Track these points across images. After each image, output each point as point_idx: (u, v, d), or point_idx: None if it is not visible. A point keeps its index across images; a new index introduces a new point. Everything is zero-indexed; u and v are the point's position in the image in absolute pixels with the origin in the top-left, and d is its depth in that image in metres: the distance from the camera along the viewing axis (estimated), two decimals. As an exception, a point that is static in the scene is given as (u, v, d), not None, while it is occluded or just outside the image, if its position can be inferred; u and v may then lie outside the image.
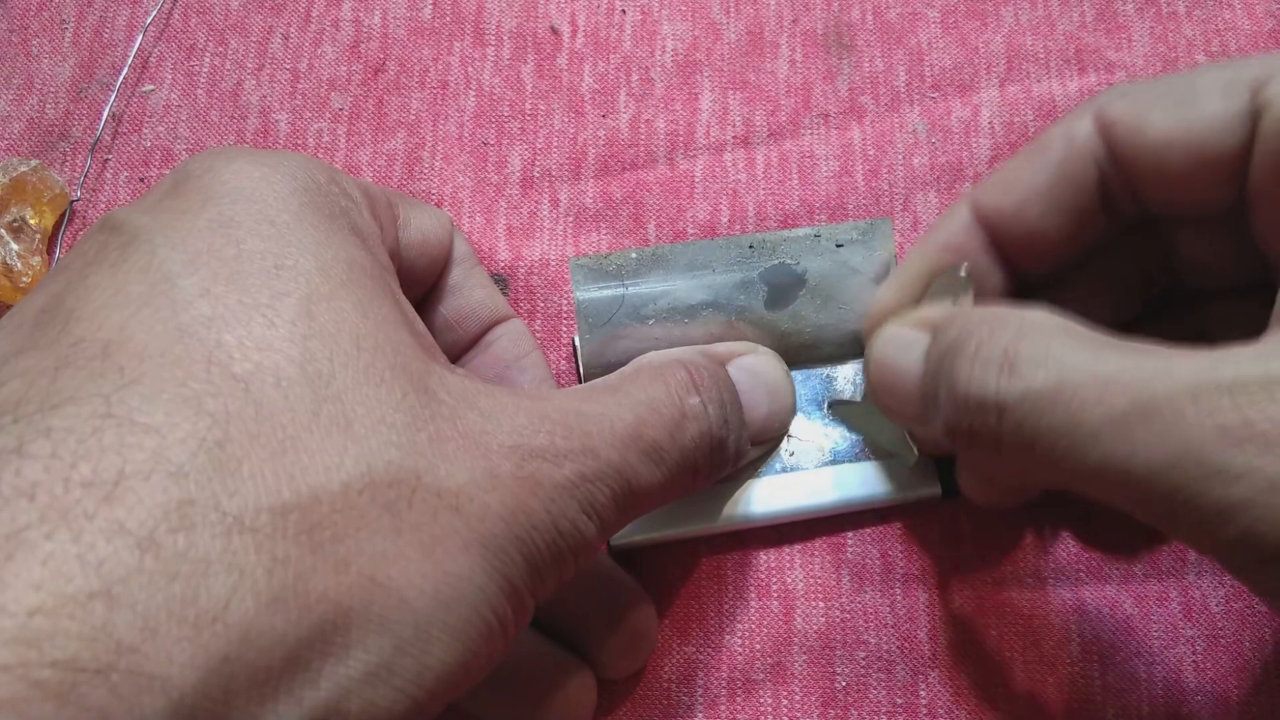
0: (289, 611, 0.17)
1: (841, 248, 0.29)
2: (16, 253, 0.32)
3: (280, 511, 0.18)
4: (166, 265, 0.20)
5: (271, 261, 0.20)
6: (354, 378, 0.20)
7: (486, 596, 0.20)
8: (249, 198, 0.21)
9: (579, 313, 0.29)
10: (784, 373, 0.29)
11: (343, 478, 0.18)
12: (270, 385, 0.19)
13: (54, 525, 0.16)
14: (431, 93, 0.36)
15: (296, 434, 0.18)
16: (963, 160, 0.34)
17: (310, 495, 0.18)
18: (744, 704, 0.28)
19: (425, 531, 0.19)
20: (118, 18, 0.37)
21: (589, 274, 0.28)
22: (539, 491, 0.21)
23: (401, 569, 0.18)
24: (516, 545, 0.20)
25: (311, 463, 0.18)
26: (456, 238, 0.30)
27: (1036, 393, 0.20)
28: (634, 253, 0.29)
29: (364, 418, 0.19)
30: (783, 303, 0.29)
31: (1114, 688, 0.28)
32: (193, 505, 0.17)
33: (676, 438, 0.23)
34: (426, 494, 0.19)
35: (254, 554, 0.17)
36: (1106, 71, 0.35)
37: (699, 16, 0.37)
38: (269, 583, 0.17)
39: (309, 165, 0.23)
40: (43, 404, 0.17)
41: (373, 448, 0.19)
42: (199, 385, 0.18)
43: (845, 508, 0.29)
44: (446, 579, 0.19)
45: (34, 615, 0.15)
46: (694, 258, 0.29)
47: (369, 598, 0.18)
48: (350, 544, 0.18)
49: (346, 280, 0.21)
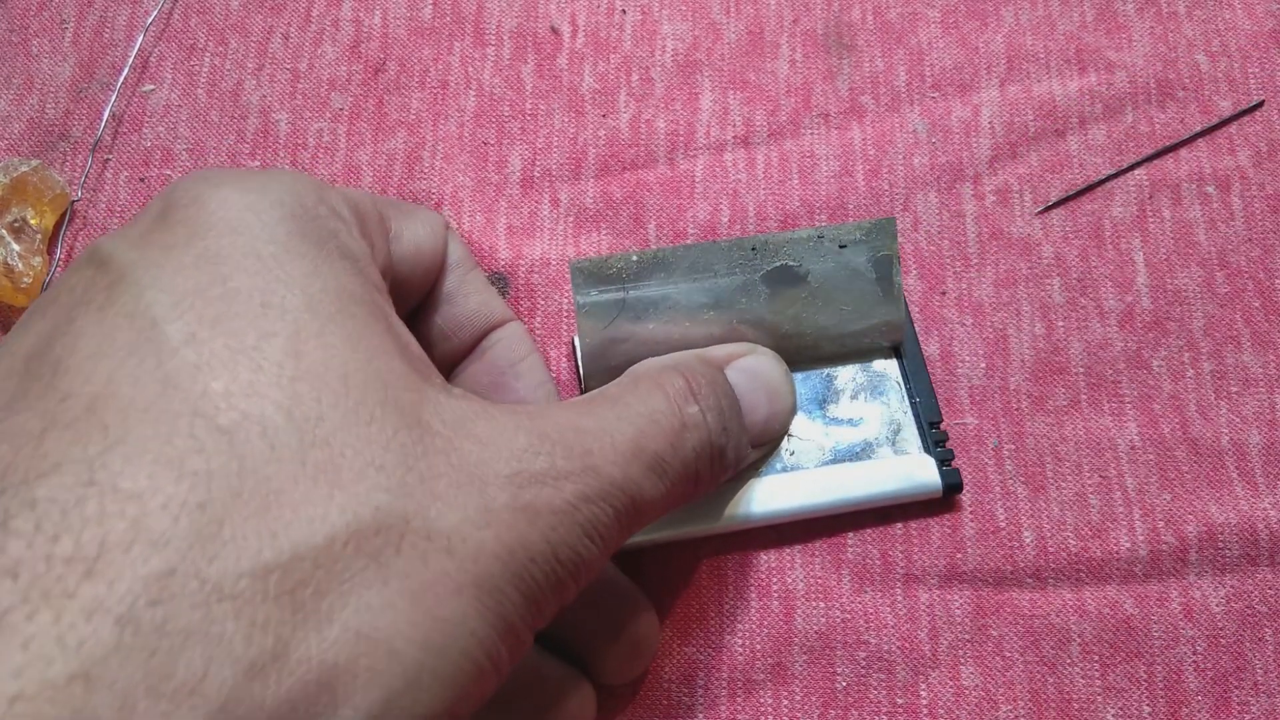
0: (268, 677, 0.17)
1: (845, 249, 0.29)
2: (17, 253, 0.32)
3: (260, 574, 0.17)
4: (153, 309, 0.20)
5: (259, 299, 0.20)
6: (342, 418, 0.19)
7: (479, 639, 0.19)
8: (235, 229, 0.21)
9: (579, 317, 0.28)
10: (783, 372, 0.29)
11: (327, 530, 0.18)
12: (255, 436, 0.19)
13: (35, 606, 0.16)
14: (431, 93, 0.36)
15: (281, 486, 0.18)
16: (963, 160, 0.34)
17: (292, 552, 0.18)
18: (744, 704, 0.28)
19: (415, 578, 0.19)
20: (118, 18, 0.37)
21: (589, 278, 0.28)
22: (538, 521, 0.20)
23: (390, 619, 0.18)
24: (513, 582, 0.20)
25: (295, 516, 0.18)
26: (451, 241, 0.29)
27: None
28: (635, 255, 0.28)
29: (352, 461, 0.19)
30: (785, 305, 0.29)
31: (1114, 688, 0.28)
32: (173, 576, 0.17)
33: (678, 448, 0.23)
34: (416, 538, 0.19)
35: (232, 621, 0.17)
36: (1106, 71, 0.35)
37: (699, 16, 0.37)
38: (246, 650, 0.17)
39: (296, 187, 0.23)
40: (28, 473, 0.17)
41: (360, 493, 0.19)
42: (182, 443, 0.18)
43: (846, 507, 0.29)
44: (437, 625, 0.19)
45: (15, 702, 0.15)
46: (695, 260, 0.29)
47: (355, 653, 0.18)
48: (335, 599, 0.18)
49: (336, 312, 0.21)
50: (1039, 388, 0.32)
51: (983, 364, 0.32)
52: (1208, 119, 0.35)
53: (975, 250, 0.33)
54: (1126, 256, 0.33)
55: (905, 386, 0.31)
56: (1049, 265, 0.33)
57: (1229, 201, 0.34)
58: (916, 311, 0.33)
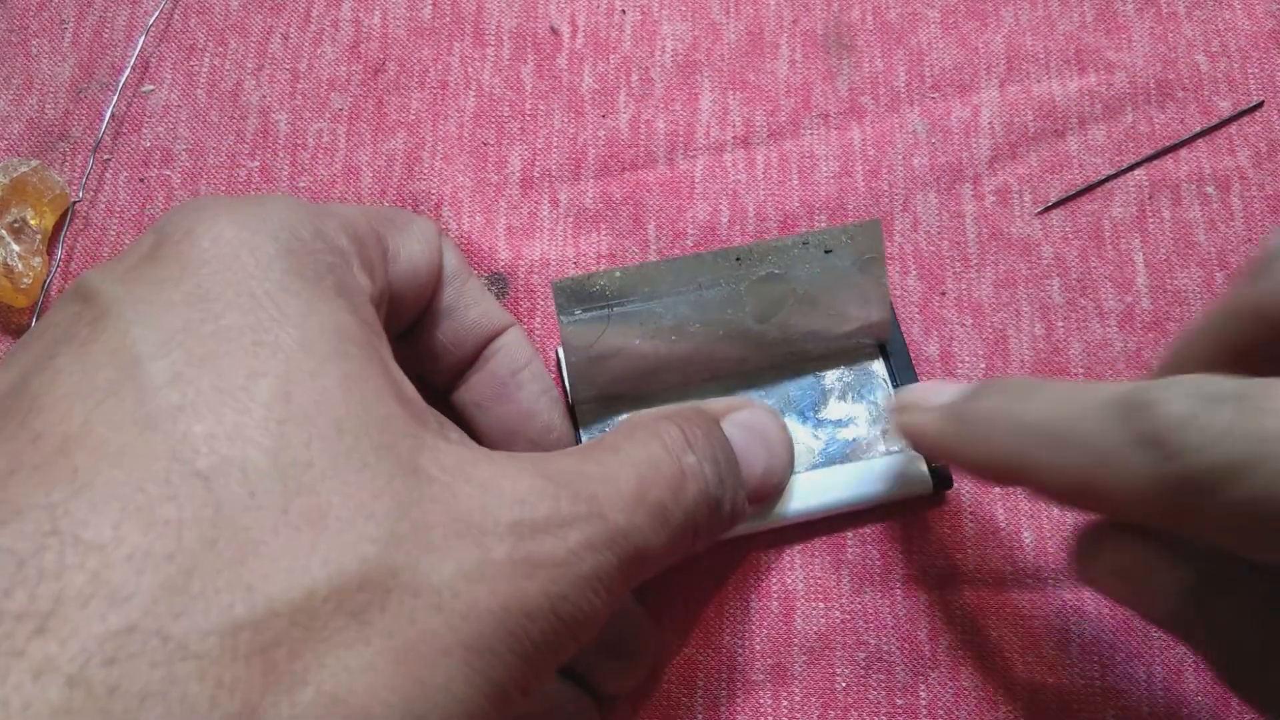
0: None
1: (830, 253, 0.29)
2: (17, 254, 0.32)
3: (230, 631, 0.16)
4: (137, 347, 0.19)
5: (250, 338, 0.19)
6: (333, 464, 0.18)
7: (464, 705, 0.18)
8: (229, 266, 0.20)
9: (564, 338, 0.28)
10: (780, 427, 0.28)
11: (307, 583, 0.17)
12: (236, 482, 0.18)
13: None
14: (431, 93, 0.36)
15: (260, 536, 0.17)
16: (962, 160, 0.34)
17: (266, 609, 0.17)
18: (744, 705, 0.28)
19: (399, 638, 0.18)
20: (117, 18, 0.37)
21: (571, 297, 0.28)
22: (537, 574, 0.19)
23: (368, 683, 0.17)
24: (507, 641, 0.19)
25: (273, 569, 0.17)
26: (447, 252, 0.29)
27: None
28: (618, 272, 0.28)
29: (340, 508, 0.18)
30: (771, 313, 0.29)
31: (1114, 688, 0.28)
32: (132, 633, 0.16)
33: (679, 498, 0.23)
34: (403, 594, 0.18)
35: (196, 682, 0.16)
36: (1106, 71, 0.35)
37: (699, 16, 0.37)
38: (210, 713, 0.16)
39: (292, 219, 0.22)
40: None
41: (346, 543, 0.18)
42: (155, 490, 0.17)
43: (839, 509, 0.29)
44: (420, 690, 0.18)
45: None
46: (679, 274, 0.28)
47: (329, 718, 0.17)
48: (310, 659, 0.17)
49: (331, 353, 0.20)
50: (1039, 388, 0.32)
51: (983, 364, 0.32)
52: (1207, 119, 0.35)
53: (975, 250, 0.33)
54: (1126, 257, 0.33)
55: (892, 385, 0.31)
56: (1049, 265, 0.33)
57: (1229, 202, 0.34)
58: (916, 311, 0.33)
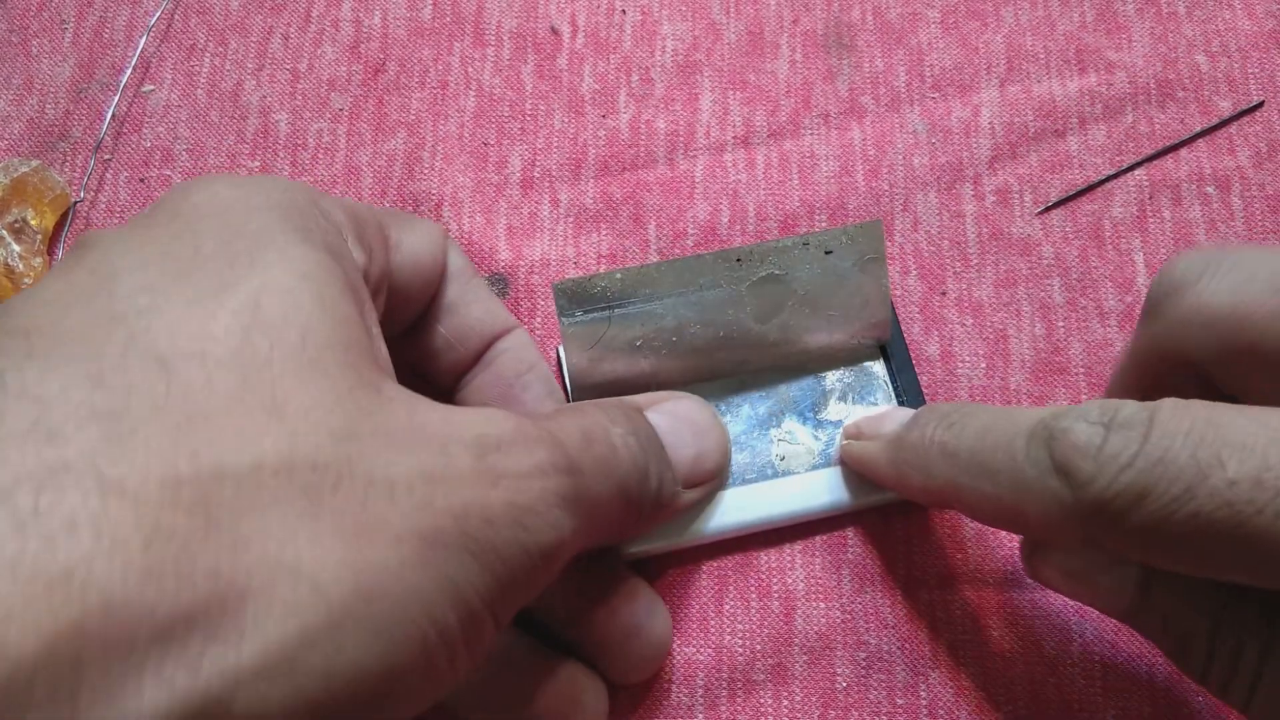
0: (165, 584, 0.15)
1: (831, 254, 0.29)
2: (18, 254, 0.32)
3: (172, 483, 0.16)
4: (115, 263, 0.19)
5: (227, 260, 0.19)
6: (295, 367, 0.18)
7: (421, 598, 0.18)
8: (218, 214, 0.21)
9: (565, 339, 0.28)
10: (711, 415, 0.28)
11: (256, 455, 0.17)
12: (193, 365, 0.17)
13: None
14: (431, 93, 0.36)
15: (210, 412, 0.17)
16: (963, 160, 0.34)
17: (213, 470, 0.16)
18: (744, 705, 0.28)
19: (349, 517, 0.17)
20: (118, 18, 0.37)
21: (572, 299, 0.28)
22: (501, 484, 0.19)
23: (315, 554, 0.17)
24: (467, 544, 0.18)
25: (221, 439, 0.17)
26: (451, 251, 0.29)
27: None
28: (619, 273, 0.28)
29: (299, 405, 0.18)
30: (771, 314, 0.29)
31: (1115, 688, 0.28)
32: (66, 469, 0.16)
33: (615, 459, 0.23)
34: (356, 481, 0.18)
35: (132, 523, 0.16)
36: (1106, 71, 0.35)
37: (699, 16, 0.37)
38: (145, 553, 0.16)
39: (291, 189, 0.22)
40: None
41: (300, 431, 0.17)
42: (107, 362, 0.17)
43: (838, 510, 0.30)
44: (370, 569, 0.17)
45: None
46: (680, 275, 0.28)
47: (271, 580, 0.16)
48: (254, 522, 0.16)
49: (310, 274, 0.20)
50: (1039, 388, 0.32)
51: (983, 364, 0.32)
52: (1208, 119, 0.35)
53: (975, 250, 0.33)
54: (1126, 256, 0.33)
55: (892, 385, 0.31)
56: (1049, 265, 0.33)
57: (1229, 202, 0.34)
58: (916, 311, 0.33)
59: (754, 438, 0.30)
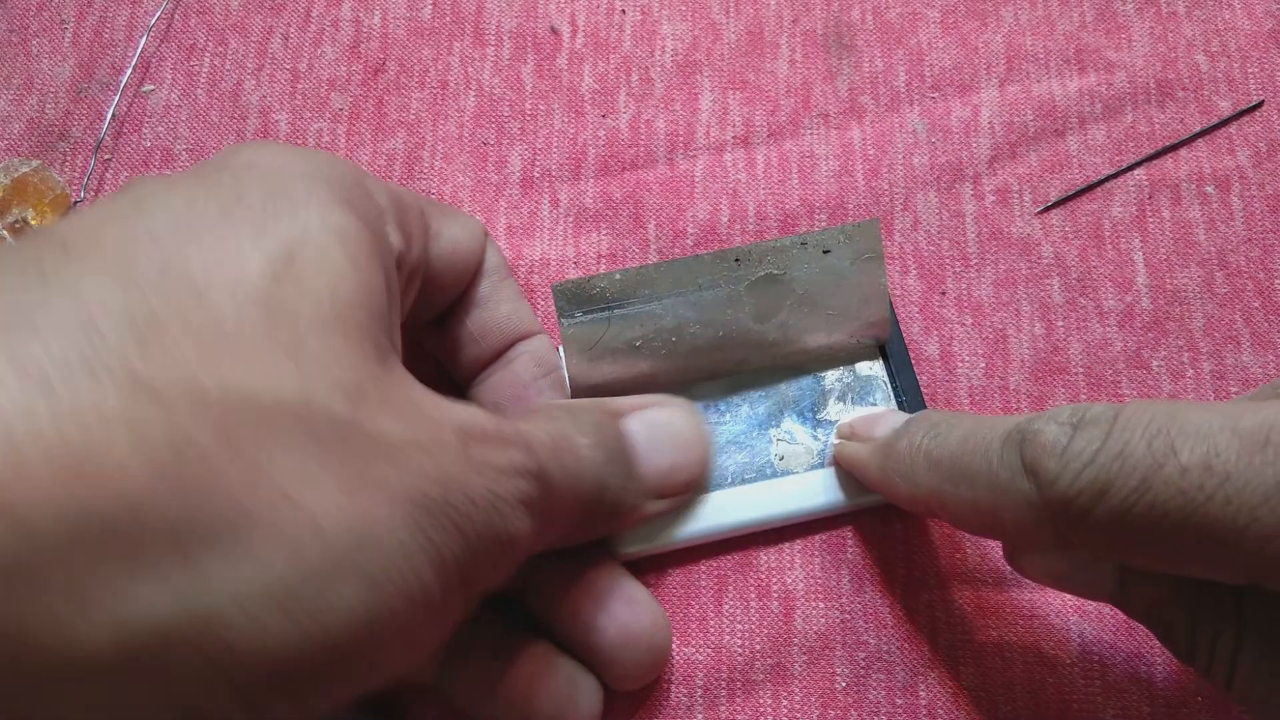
0: (184, 492, 0.16)
1: (829, 253, 0.29)
2: (17, 253, 0.32)
3: (199, 400, 0.16)
4: (158, 197, 0.20)
5: (269, 212, 0.20)
6: (319, 322, 0.19)
7: (408, 554, 0.18)
8: (265, 173, 0.21)
9: (564, 341, 0.28)
10: (695, 425, 0.28)
11: (276, 394, 0.17)
12: (225, 296, 0.18)
13: None
14: (431, 93, 0.36)
15: (238, 343, 0.17)
16: (962, 160, 0.34)
17: (239, 397, 0.17)
18: (744, 704, 0.28)
19: (353, 470, 0.18)
20: (118, 18, 0.37)
21: (572, 300, 0.28)
22: (484, 471, 0.20)
23: (320, 498, 0.17)
24: (451, 515, 0.19)
25: (247, 371, 0.17)
26: (489, 248, 0.30)
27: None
28: (618, 274, 0.28)
29: (318, 355, 0.18)
30: (770, 314, 0.29)
31: (1114, 687, 0.28)
32: (103, 364, 0.16)
33: (580, 470, 0.24)
34: (362, 438, 0.18)
35: (161, 427, 0.16)
36: (1106, 71, 0.35)
37: (699, 16, 0.37)
38: (169, 459, 0.16)
39: (337, 163, 0.23)
40: None
41: (317, 382, 0.18)
42: (143, 277, 0.17)
43: (836, 510, 0.30)
44: (366, 521, 0.18)
45: None
46: (679, 275, 0.28)
47: (279, 512, 0.17)
48: (270, 455, 0.17)
49: (346, 239, 0.20)
50: (1039, 388, 0.32)
51: (982, 364, 0.32)
52: (1207, 119, 0.35)
53: (975, 250, 0.33)
54: (1126, 256, 0.33)
55: (891, 385, 0.31)
56: (1049, 265, 0.33)
57: (1229, 201, 0.34)
58: (916, 311, 0.33)
59: (753, 437, 0.30)
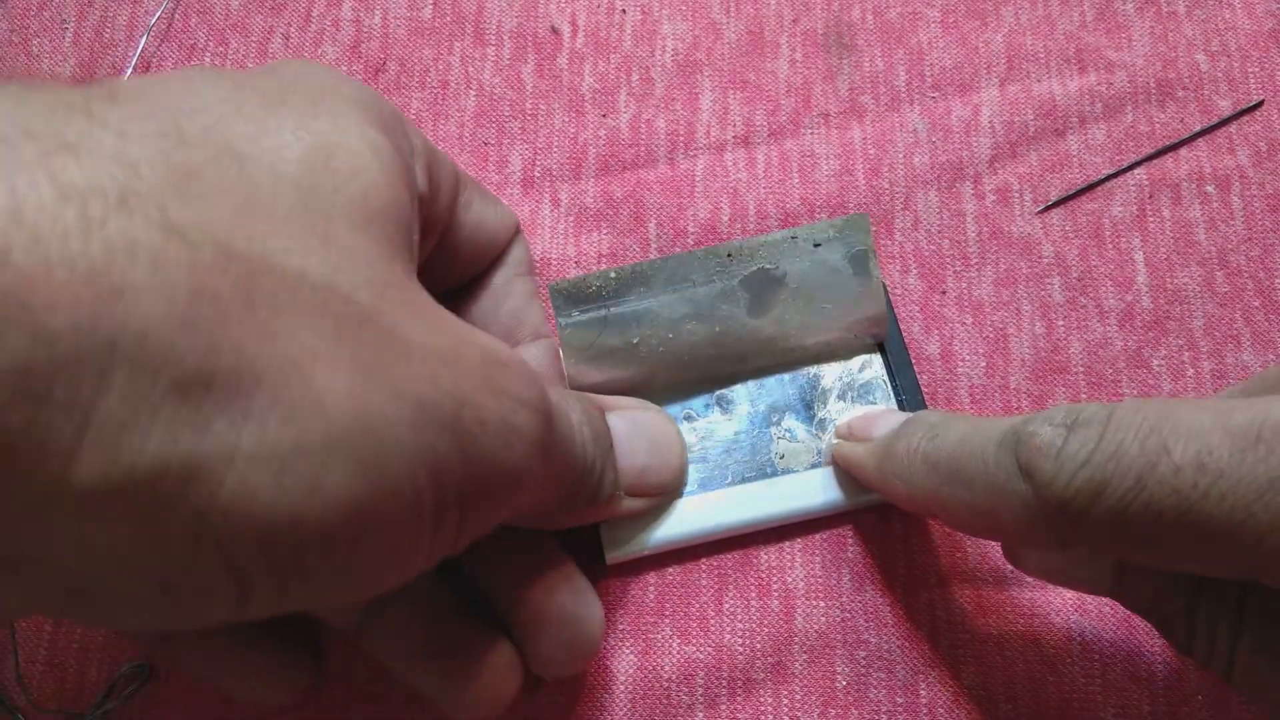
0: (197, 340, 0.16)
1: (819, 247, 0.29)
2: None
3: (225, 253, 0.16)
4: (208, 77, 0.20)
5: (310, 113, 0.20)
6: (349, 219, 0.19)
7: (407, 457, 0.18)
8: (311, 86, 0.21)
9: (563, 339, 0.28)
10: (672, 432, 0.29)
11: (300, 269, 0.17)
12: (264, 170, 0.18)
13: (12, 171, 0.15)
14: (431, 93, 0.36)
15: (273, 215, 0.17)
16: (963, 160, 0.34)
17: (263, 260, 0.17)
18: (744, 704, 0.28)
19: (365, 358, 0.18)
20: (118, 18, 0.37)
21: (569, 299, 0.28)
22: (501, 397, 0.20)
23: (329, 375, 0.17)
24: (458, 431, 0.19)
25: (275, 240, 0.17)
26: (518, 244, 0.29)
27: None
28: (613, 272, 0.28)
29: (347, 246, 0.18)
30: (765, 308, 0.29)
31: (1115, 685, 0.28)
32: (138, 199, 0.16)
33: (572, 441, 0.24)
34: (379, 331, 0.18)
35: (185, 270, 0.16)
36: (1106, 71, 0.35)
37: (699, 16, 0.37)
38: (189, 303, 0.16)
39: (379, 99, 0.23)
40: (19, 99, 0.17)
41: (343, 267, 0.18)
42: (186, 132, 0.18)
43: (836, 509, 0.30)
44: (371, 410, 0.17)
45: None
46: (673, 272, 0.29)
47: (286, 379, 0.16)
48: (285, 322, 0.17)
49: (381, 153, 0.21)
50: (1039, 387, 0.32)
51: (983, 363, 0.32)
52: (1208, 119, 0.35)
53: (975, 250, 0.33)
54: (1126, 256, 0.33)
55: (891, 384, 0.31)
56: (1049, 265, 0.33)
57: (1229, 201, 0.34)
58: (916, 310, 0.33)
59: (753, 436, 0.30)
